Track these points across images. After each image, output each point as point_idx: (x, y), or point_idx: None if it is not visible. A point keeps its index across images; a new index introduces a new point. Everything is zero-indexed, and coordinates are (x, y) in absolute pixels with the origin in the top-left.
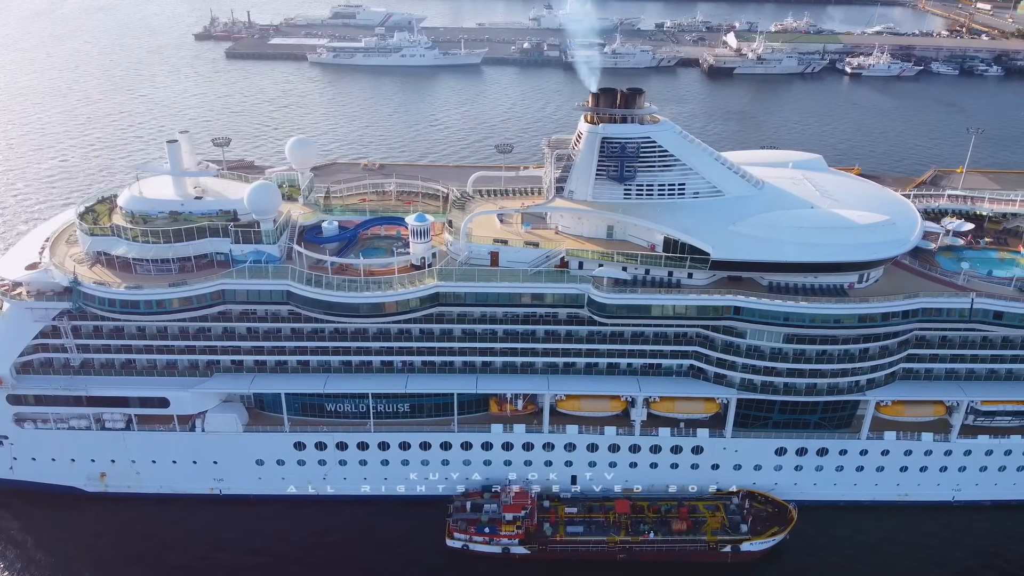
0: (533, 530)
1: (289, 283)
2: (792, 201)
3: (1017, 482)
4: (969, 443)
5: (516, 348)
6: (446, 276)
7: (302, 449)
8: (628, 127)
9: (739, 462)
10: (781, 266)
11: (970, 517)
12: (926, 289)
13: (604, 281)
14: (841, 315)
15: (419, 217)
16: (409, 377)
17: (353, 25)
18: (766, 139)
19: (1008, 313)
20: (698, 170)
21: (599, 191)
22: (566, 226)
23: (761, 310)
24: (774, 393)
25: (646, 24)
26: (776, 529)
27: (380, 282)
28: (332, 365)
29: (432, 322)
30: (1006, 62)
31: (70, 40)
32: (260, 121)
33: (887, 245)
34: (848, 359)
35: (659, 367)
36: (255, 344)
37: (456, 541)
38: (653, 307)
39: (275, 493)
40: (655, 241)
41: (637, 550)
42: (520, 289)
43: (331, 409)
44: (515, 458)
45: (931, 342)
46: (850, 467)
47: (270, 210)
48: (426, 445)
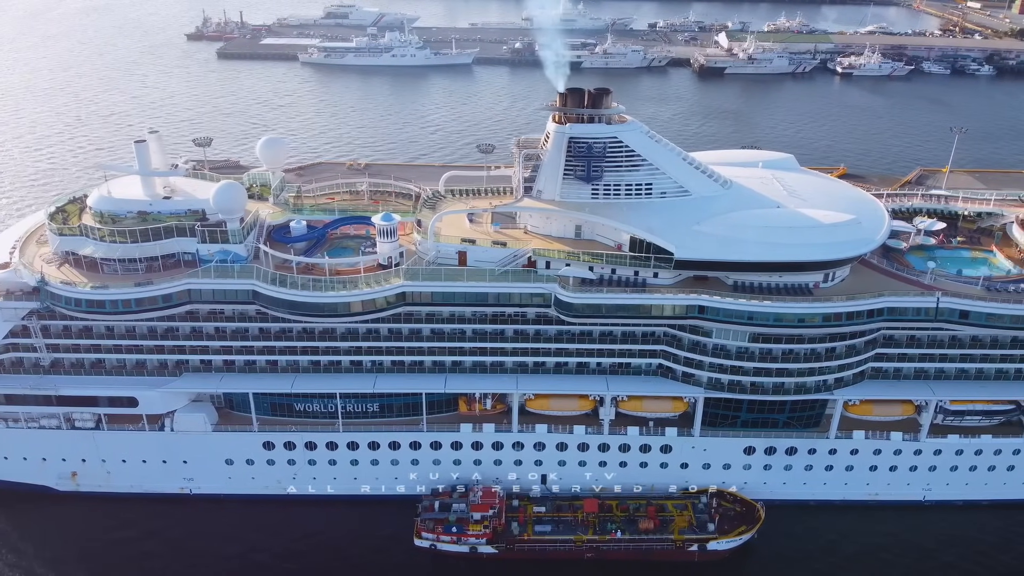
0: (501, 529)
1: (255, 283)
2: (759, 200)
3: (989, 482)
4: (939, 442)
5: (485, 348)
6: (412, 276)
7: (271, 449)
8: (595, 127)
9: (708, 461)
10: (745, 265)
11: (941, 517)
12: (893, 288)
13: (570, 281)
14: (805, 314)
15: (385, 217)
16: (378, 377)
17: (346, 25)
18: (750, 139)
19: (974, 312)
20: (665, 170)
21: (567, 191)
22: (535, 226)
23: (725, 309)
24: (741, 392)
25: (639, 24)
26: (744, 528)
27: (345, 282)
28: (301, 365)
29: (400, 322)
30: (998, 61)
31: (64, 40)
32: (249, 121)
33: (851, 244)
34: (815, 358)
35: (628, 366)
36: (223, 344)
37: (424, 541)
38: (619, 306)
39: (245, 493)
40: (621, 241)
41: (604, 549)
42: (486, 289)
43: (300, 409)
44: (485, 458)
45: (899, 341)
46: (819, 466)
47: (236, 210)
48: (395, 445)
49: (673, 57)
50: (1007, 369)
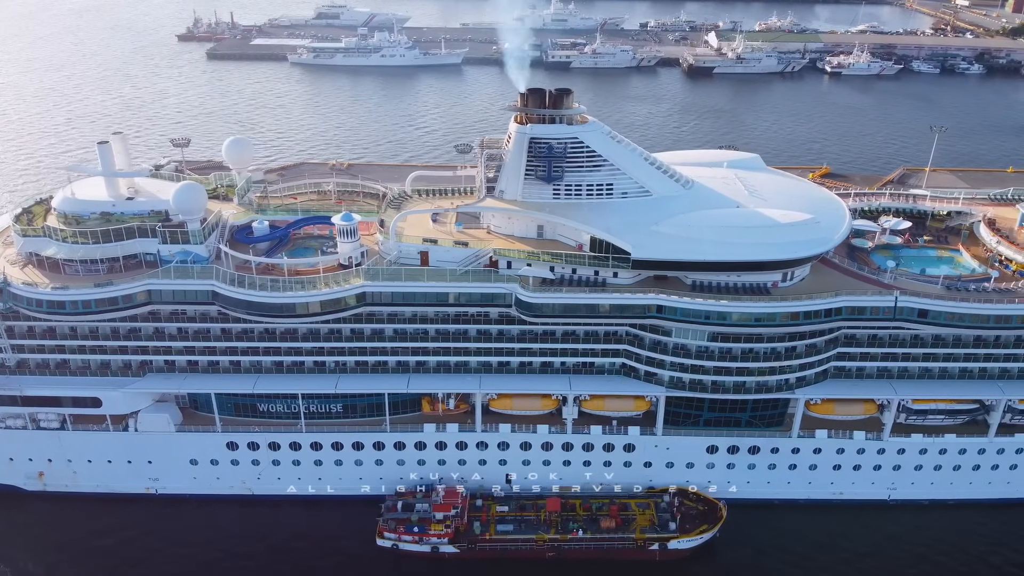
0: (463, 529)
1: (214, 283)
2: (719, 200)
3: (954, 481)
4: (902, 441)
5: (449, 348)
6: (372, 276)
7: (235, 449)
8: (555, 127)
9: (671, 460)
10: (702, 265)
11: (906, 516)
12: (853, 287)
13: (530, 280)
14: (762, 314)
15: (345, 216)
16: (340, 377)
17: (337, 25)
18: (730, 139)
19: (933, 311)
20: (626, 170)
21: (528, 191)
22: (498, 226)
23: (683, 308)
24: (703, 391)
25: (631, 24)
26: (705, 527)
27: (304, 282)
28: (264, 365)
29: (362, 322)
30: (988, 60)
31: (56, 41)
32: (236, 122)
33: (808, 244)
34: (775, 357)
35: (592, 366)
36: (186, 344)
37: (386, 540)
38: (578, 306)
39: (210, 493)
40: (582, 241)
41: (566, 548)
42: (447, 289)
43: (264, 409)
44: (449, 457)
45: (861, 340)
46: (783, 465)
47: (196, 210)
48: (359, 445)
49: (662, 57)
50: (971, 368)
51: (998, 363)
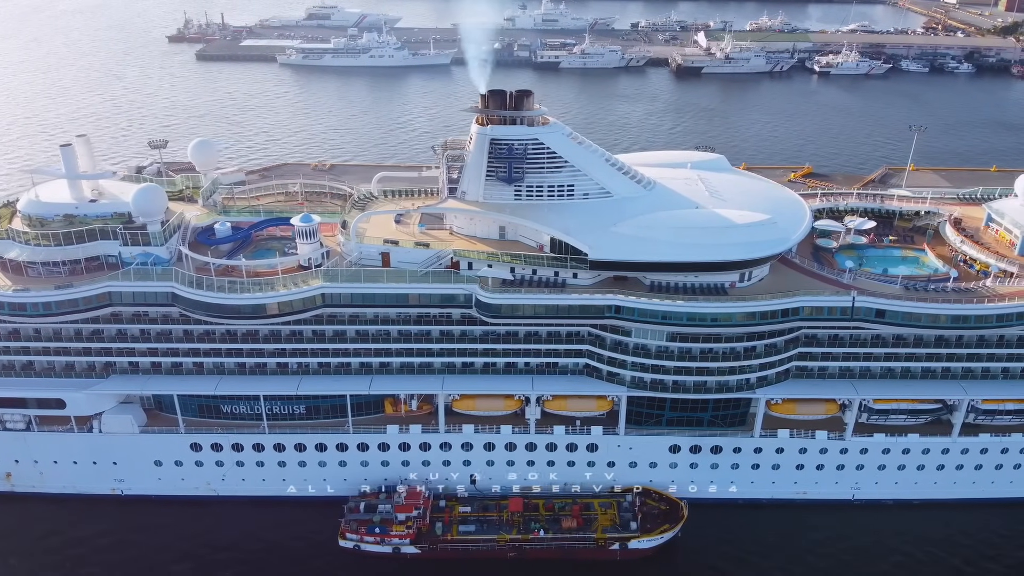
0: (425, 530)
1: (173, 285)
2: (679, 201)
3: (919, 481)
4: (865, 441)
5: (412, 349)
6: (331, 277)
7: (199, 450)
8: (515, 128)
9: (634, 459)
10: (658, 266)
11: (871, 516)
12: (811, 288)
13: (489, 281)
14: (718, 314)
15: (304, 218)
16: (303, 379)
17: (328, 26)
18: (715, 139)
19: (890, 311)
20: (587, 171)
21: (490, 192)
22: (460, 227)
23: (640, 309)
24: (664, 391)
25: (622, 24)
26: (666, 527)
27: (263, 283)
28: (226, 367)
29: (323, 323)
30: (978, 59)
31: (48, 42)
32: (223, 123)
33: (764, 244)
34: (734, 357)
35: (556, 366)
36: (149, 346)
37: (348, 541)
38: (538, 306)
39: (176, 494)
40: (543, 242)
41: (527, 548)
42: (406, 290)
43: (227, 411)
44: (413, 458)
45: (821, 340)
46: (745, 465)
47: (155, 212)
48: (322, 446)
49: (651, 57)
50: (934, 368)
51: (961, 363)
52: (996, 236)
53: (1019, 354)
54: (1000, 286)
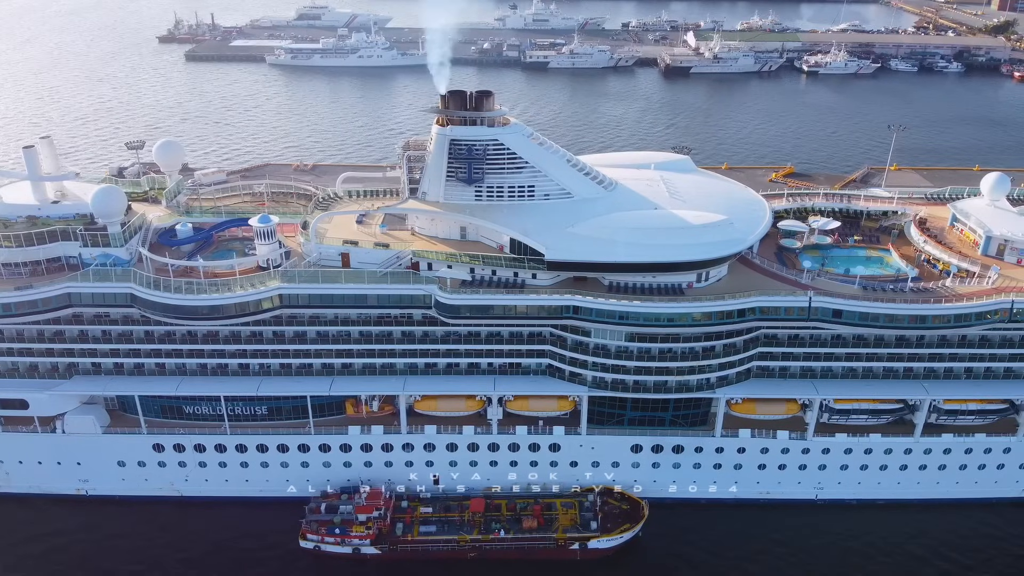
0: (386, 530)
1: (132, 286)
2: (638, 202)
3: (882, 481)
4: (827, 441)
5: (373, 350)
6: (289, 278)
7: (161, 451)
8: (475, 129)
9: (596, 459)
10: (614, 266)
11: (834, 516)
12: (769, 288)
13: (448, 282)
14: (674, 314)
15: (263, 218)
16: (263, 380)
17: (318, 26)
18: (700, 139)
19: (847, 311)
20: (547, 172)
21: (450, 192)
22: (422, 227)
23: (597, 309)
24: (624, 391)
25: (613, 24)
26: (627, 526)
27: (220, 284)
28: (188, 368)
29: (283, 324)
30: (967, 58)
31: (39, 43)
32: (210, 123)
33: (720, 245)
34: (693, 357)
35: (519, 366)
36: (111, 347)
37: (309, 542)
38: (496, 307)
39: (139, 494)
40: (503, 242)
41: (487, 548)
42: (365, 290)
43: (190, 412)
44: (375, 459)
45: (781, 340)
46: (707, 465)
47: (114, 213)
48: (284, 447)
49: (640, 57)
50: (896, 368)
51: (923, 363)
52: (961, 236)
53: (981, 354)
54: (960, 286)
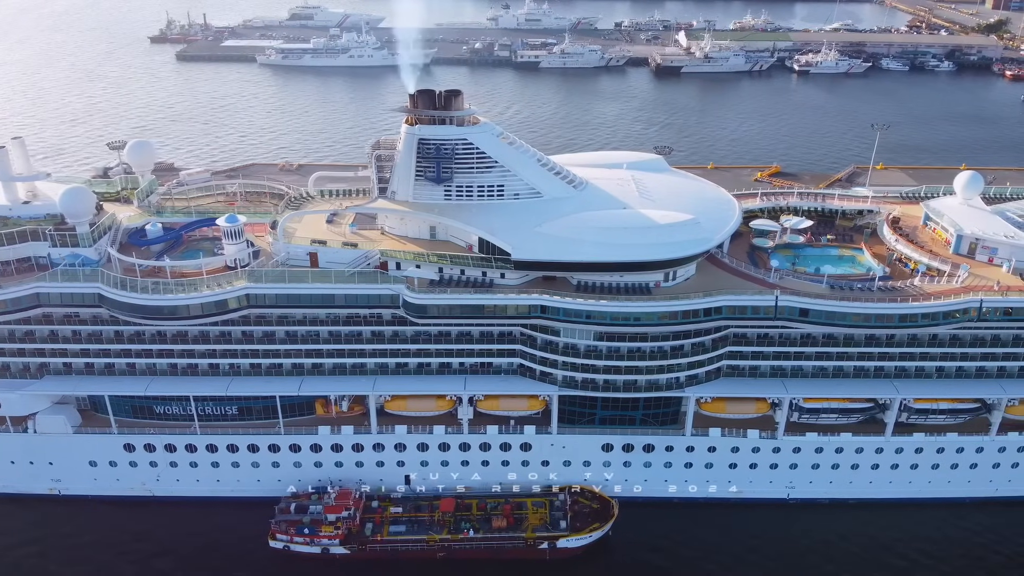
0: (355, 530)
1: (100, 286)
2: (607, 202)
3: (854, 480)
4: (797, 440)
5: (343, 350)
6: (256, 278)
7: (132, 451)
8: (444, 128)
9: (568, 458)
10: (580, 265)
11: (806, 515)
12: (737, 287)
13: (415, 282)
14: (641, 313)
15: (230, 218)
16: (232, 380)
17: (311, 26)
18: (686, 138)
19: (814, 310)
20: (516, 172)
21: (419, 192)
22: (391, 227)
23: (565, 308)
24: (594, 390)
25: (605, 23)
26: (596, 525)
27: (186, 284)
28: (158, 367)
29: (251, 324)
30: (959, 57)
31: (34, 43)
32: (199, 123)
33: (686, 244)
34: (662, 356)
35: (490, 366)
36: (82, 347)
37: (278, 542)
38: (464, 306)
39: (112, 494)
40: (471, 242)
41: (456, 548)
42: (332, 290)
43: (160, 411)
44: (346, 459)
45: (751, 339)
46: (679, 464)
47: (82, 213)
48: (254, 447)
49: (631, 57)
50: (866, 367)
51: (894, 362)
52: (933, 235)
53: (953, 353)
54: (928, 285)
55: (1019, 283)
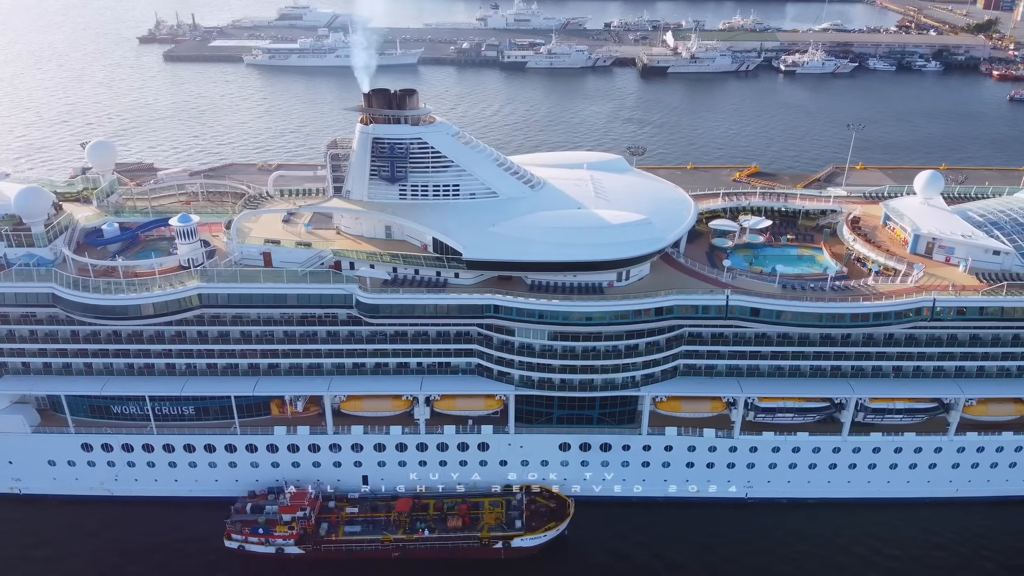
0: (311, 530)
1: (53, 286)
2: (562, 202)
3: (812, 480)
4: (754, 440)
5: (299, 350)
6: (208, 277)
7: (89, 450)
8: (398, 128)
9: (525, 458)
10: (532, 265)
11: (764, 515)
12: (689, 286)
13: (367, 281)
14: (592, 312)
15: (183, 218)
16: (188, 380)
17: (299, 26)
18: (670, 137)
19: (764, 310)
20: (472, 171)
21: (374, 191)
22: (347, 226)
23: (517, 308)
24: (551, 389)
25: (595, 23)
26: (552, 524)
27: (139, 284)
28: (115, 367)
29: (204, 324)
30: (946, 57)
31: (22, 44)
32: (183, 122)
33: (637, 244)
34: (616, 355)
35: (448, 366)
36: (39, 347)
37: (233, 542)
38: (417, 306)
39: (71, 493)
40: (426, 241)
41: (411, 548)
42: (284, 290)
43: (118, 411)
44: (303, 460)
45: (705, 338)
46: (636, 463)
47: (36, 213)
48: (211, 447)
49: (618, 57)
50: (823, 367)
51: (850, 361)
52: (892, 234)
53: (910, 353)
54: (882, 284)
55: (974, 282)
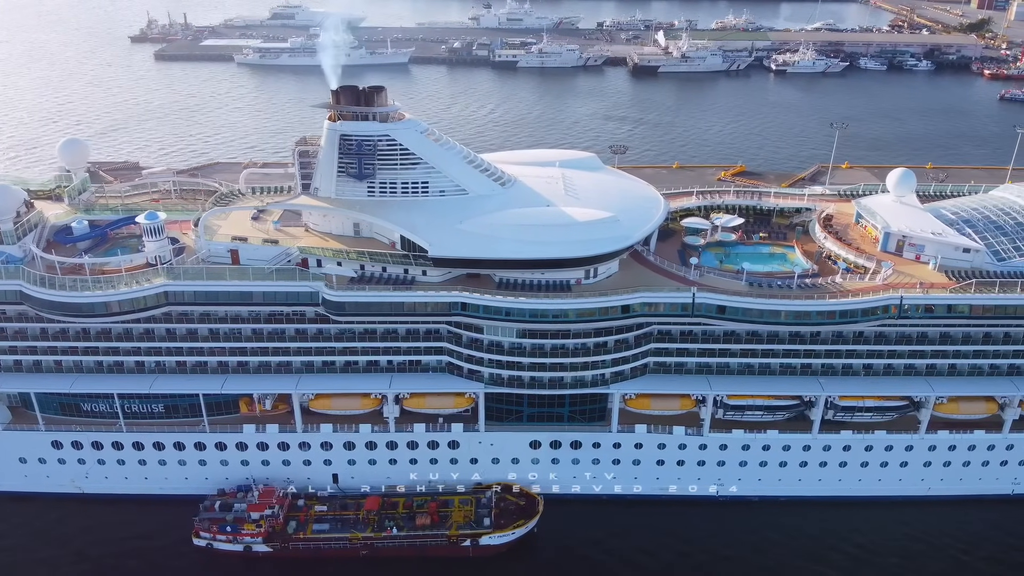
0: (279, 528)
1: (21, 283)
2: (532, 199)
3: (782, 478)
4: (723, 437)
5: (267, 348)
6: (175, 275)
7: (60, 448)
8: (365, 124)
9: (496, 456)
10: (499, 263)
11: (735, 513)
12: (656, 284)
13: (334, 279)
14: (557, 310)
15: (150, 215)
16: (157, 378)
17: (291, 26)
18: (659, 137)
19: (730, 307)
20: (441, 169)
21: (342, 188)
22: (315, 223)
23: (484, 305)
24: (520, 387)
25: (588, 23)
26: (521, 522)
27: (105, 281)
28: (85, 365)
29: (172, 321)
30: (938, 56)
31: (14, 43)
32: (172, 121)
33: (604, 242)
34: (584, 353)
35: (418, 363)
36: (9, 344)
37: (201, 540)
38: (384, 304)
39: (42, 491)
40: (394, 239)
41: (379, 546)
42: (250, 288)
43: (87, 409)
44: (273, 458)
45: (674, 336)
46: (606, 460)
47: (5, 211)
48: (180, 445)
49: (609, 56)
50: (793, 364)
51: (820, 359)
52: (863, 232)
53: (880, 351)
54: (850, 282)
55: (944, 280)
